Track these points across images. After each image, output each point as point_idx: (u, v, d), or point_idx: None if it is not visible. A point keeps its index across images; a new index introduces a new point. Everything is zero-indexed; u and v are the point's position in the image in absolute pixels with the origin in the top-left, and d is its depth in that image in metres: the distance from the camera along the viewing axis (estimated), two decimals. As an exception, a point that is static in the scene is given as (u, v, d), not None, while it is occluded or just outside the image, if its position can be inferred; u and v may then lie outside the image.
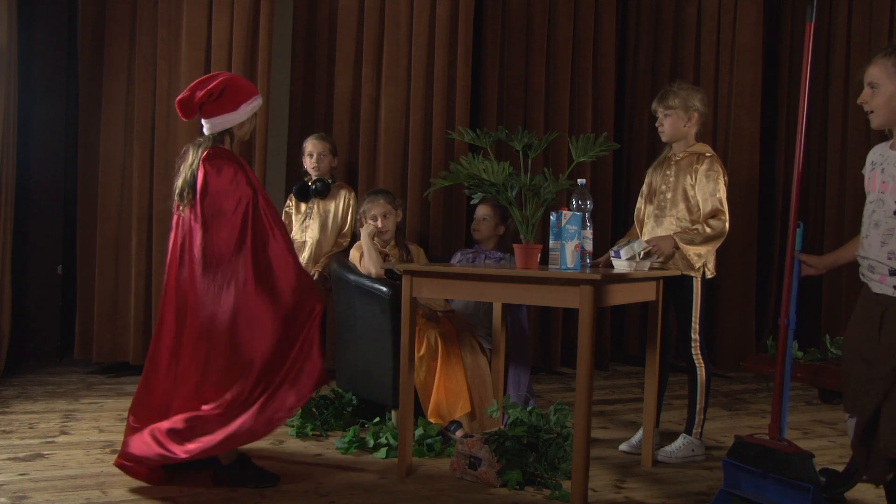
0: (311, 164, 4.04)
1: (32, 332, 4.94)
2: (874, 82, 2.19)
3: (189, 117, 2.71)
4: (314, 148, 4.05)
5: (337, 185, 4.12)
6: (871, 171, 2.28)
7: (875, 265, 2.19)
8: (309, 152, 4.05)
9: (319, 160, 4.03)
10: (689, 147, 3.24)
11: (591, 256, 2.86)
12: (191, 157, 2.69)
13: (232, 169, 2.64)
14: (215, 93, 2.64)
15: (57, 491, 2.59)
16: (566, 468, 2.84)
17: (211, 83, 2.66)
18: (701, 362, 3.19)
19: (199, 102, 2.65)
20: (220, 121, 2.69)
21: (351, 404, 3.62)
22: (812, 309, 5.26)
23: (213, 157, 2.65)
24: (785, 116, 5.56)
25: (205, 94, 2.64)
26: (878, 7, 5.01)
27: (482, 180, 2.82)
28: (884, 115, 2.19)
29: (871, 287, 2.21)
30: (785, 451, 2.35)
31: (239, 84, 2.74)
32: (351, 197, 4.10)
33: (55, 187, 4.97)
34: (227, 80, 2.69)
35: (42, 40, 4.93)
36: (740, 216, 5.11)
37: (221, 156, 2.67)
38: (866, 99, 2.22)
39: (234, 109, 2.69)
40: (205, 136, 2.72)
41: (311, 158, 4.04)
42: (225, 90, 2.66)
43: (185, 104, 2.67)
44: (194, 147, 2.72)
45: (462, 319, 3.63)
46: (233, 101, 2.68)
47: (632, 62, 5.59)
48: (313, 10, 4.80)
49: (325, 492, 2.68)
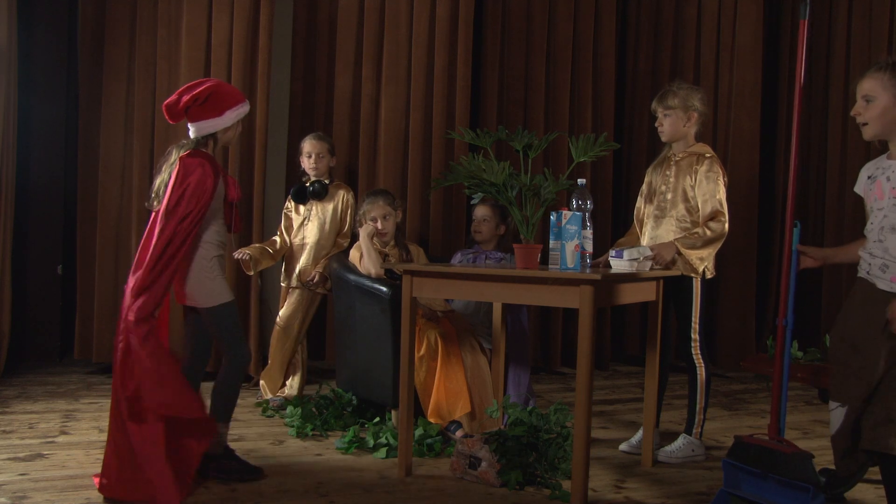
0: (310, 165, 4.03)
1: (32, 332, 4.94)
2: (869, 95, 2.25)
3: (174, 120, 2.78)
4: (312, 148, 4.03)
5: (335, 185, 4.11)
6: (874, 183, 2.33)
7: (890, 264, 2.22)
8: (307, 152, 4.04)
9: (318, 160, 4.02)
10: (689, 147, 3.24)
11: (591, 256, 2.86)
12: (172, 157, 2.76)
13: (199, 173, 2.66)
14: (201, 98, 2.71)
15: (57, 491, 2.60)
16: (566, 468, 2.84)
17: (197, 88, 2.73)
18: (701, 362, 3.19)
19: (185, 106, 2.72)
20: (205, 125, 2.75)
21: (351, 404, 3.62)
22: (812, 309, 5.26)
23: (191, 157, 2.71)
24: (785, 116, 5.55)
25: (190, 98, 2.71)
26: (878, 7, 5.01)
27: (482, 180, 2.82)
28: (877, 126, 2.26)
29: (877, 284, 2.25)
30: (784, 452, 2.35)
31: (225, 91, 2.80)
32: (350, 197, 4.09)
33: (55, 187, 4.97)
34: (213, 87, 2.75)
35: (42, 40, 4.92)
36: (740, 216, 5.11)
37: (198, 159, 2.71)
38: (860, 111, 2.28)
39: (220, 115, 2.76)
40: (189, 138, 2.80)
41: (309, 158, 4.03)
42: (210, 96, 2.73)
43: (170, 108, 2.74)
44: (177, 148, 2.79)
45: (462, 319, 3.63)
46: (218, 106, 2.74)
47: (632, 62, 5.59)
48: (313, 10, 4.80)
49: (325, 492, 2.68)
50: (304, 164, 4.07)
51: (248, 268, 3.90)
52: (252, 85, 4.45)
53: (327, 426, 3.49)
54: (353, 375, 3.64)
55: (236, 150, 4.39)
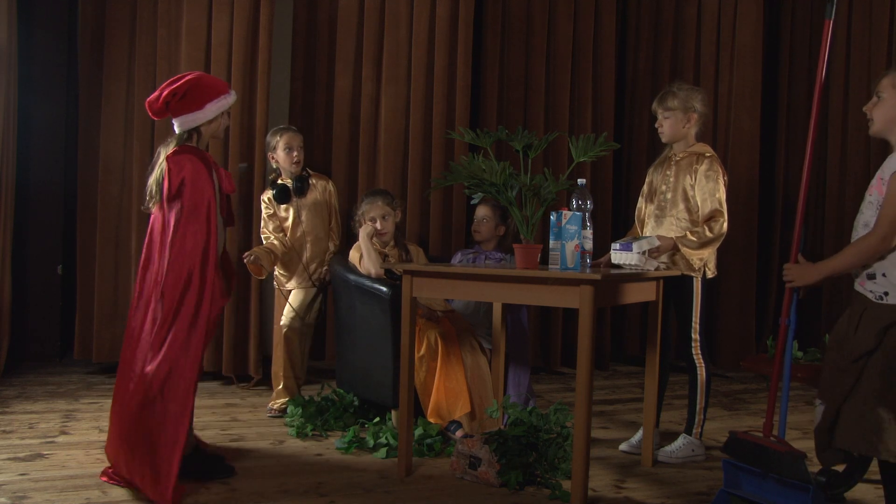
0: (292, 159, 3.81)
1: (32, 332, 4.94)
2: (880, 92, 2.34)
3: (157, 117, 2.79)
4: (294, 140, 3.83)
5: (313, 176, 3.96)
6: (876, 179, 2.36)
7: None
8: (286, 146, 3.81)
9: (300, 153, 3.85)
10: (689, 147, 3.24)
11: (591, 256, 2.86)
12: (161, 157, 2.75)
13: (190, 167, 2.67)
14: (179, 93, 2.70)
15: (57, 491, 2.60)
16: (566, 468, 2.84)
17: (176, 83, 2.72)
18: (701, 362, 3.19)
19: (165, 102, 2.71)
20: (187, 119, 2.75)
21: (352, 405, 3.62)
22: (812, 309, 5.26)
23: (177, 155, 2.70)
24: (785, 116, 5.56)
25: (169, 93, 2.70)
26: (878, 7, 5.01)
27: (482, 180, 2.82)
28: (880, 123, 2.34)
29: (855, 286, 2.35)
30: (777, 450, 2.36)
31: (205, 83, 2.78)
32: (330, 186, 4.00)
33: (55, 187, 4.97)
34: (192, 80, 2.74)
35: (42, 40, 4.92)
36: (740, 216, 5.11)
37: (185, 154, 2.71)
38: (870, 107, 2.37)
39: (200, 108, 2.74)
40: (175, 134, 2.79)
41: (290, 153, 3.82)
42: (189, 90, 2.72)
43: (151, 104, 2.75)
44: (164, 147, 2.78)
45: (462, 319, 3.63)
46: (198, 99, 2.73)
47: (632, 62, 5.59)
48: (313, 10, 4.80)
49: (325, 492, 2.68)
50: (281, 160, 3.84)
51: (261, 272, 3.75)
52: (252, 85, 4.45)
53: (327, 426, 3.49)
54: (353, 376, 3.64)
55: (237, 150, 4.39)
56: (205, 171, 2.69)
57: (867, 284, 2.29)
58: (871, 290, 2.28)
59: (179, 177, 2.64)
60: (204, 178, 2.67)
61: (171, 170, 2.66)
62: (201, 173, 2.67)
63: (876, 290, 2.26)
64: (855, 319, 2.29)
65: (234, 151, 4.39)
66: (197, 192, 2.65)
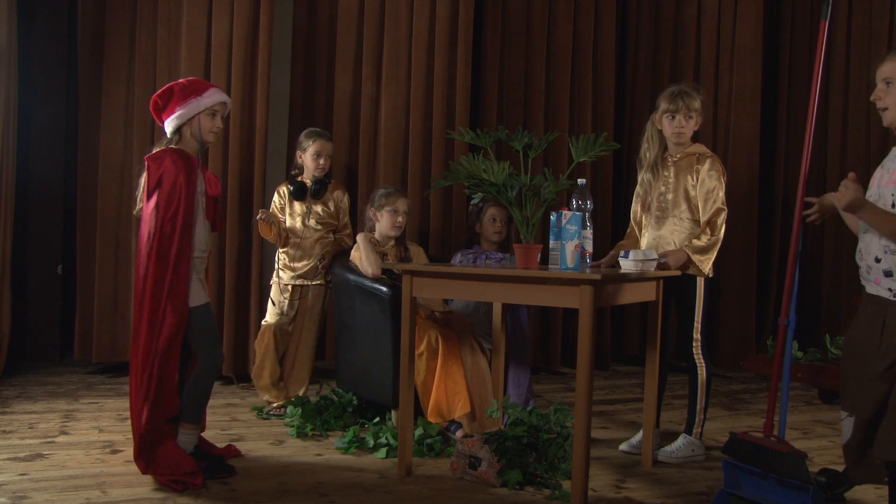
0: (318, 164, 3.93)
1: (32, 332, 4.94)
2: (890, 77, 2.15)
3: (158, 122, 2.89)
4: (322, 148, 3.94)
5: (332, 184, 4.06)
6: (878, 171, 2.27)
7: (872, 266, 2.20)
8: (316, 152, 3.93)
9: (326, 161, 3.97)
10: (687, 148, 3.24)
11: (591, 256, 2.86)
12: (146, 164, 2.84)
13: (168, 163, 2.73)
14: (163, 98, 2.82)
15: (57, 491, 2.59)
16: (566, 468, 2.84)
17: (162, 89, 2.84)
18: (702, 362, 3.19)
19: (153, 108, 2.85)
20: (169, 122, 2.83)
21: (352, 405, 3.62)
22: (812, 309, 5.26)
23: (157, 154, 2.78)
24: (785, 116, 5.56)
25: (154, 99, 2.83)
26: (878, 7, 5.01)
27: (482, 180, 2.82)
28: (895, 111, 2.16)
29: (867, 288, 2.22)
30: (778, 450, 2.35)
31: (186, 86, 2.85)
32: (346, 197, 4.07)
33: (55, 187, 4.97)
34: (174, 84, 2.85)
35: (42, 40, 4.93)
36: (740, 216, 5.11)
37: (165, 153, 2.77)
38: (880, 95, 2.19)
39: (173, 112, 2.82)
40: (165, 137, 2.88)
41: (317, 158, 3.93)
42: (170, 94, 2.82)
43: (151, 111, 2.88)
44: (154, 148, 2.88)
45: (462, 320, 3.63)
46: (178, 102, 2.81)
47: (632, 62, 5.59)
48: (313, 10, 4.80)
49: (325, 492, 2.68)
50: (307, 162, 3.97)
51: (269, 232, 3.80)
52: (252, 85, 4.45)
53: (327, 426, 3.49)
54: (353, 375, 3.64)
55: (237, 150, 4.39)
56: (184, 169, 2.73)
57: (883, 282, 2.14)
58: (888, 288, 2.12)
59: (158, 173, 2.72)
60: (182, 175, 2.72)
61: (149, 167, 2.74)
62: (181, 170, 2.72)
63: (894, 287, 2.12)
64: (878, 323, 2.13)
65: (234, 151, 4.39)
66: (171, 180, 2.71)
